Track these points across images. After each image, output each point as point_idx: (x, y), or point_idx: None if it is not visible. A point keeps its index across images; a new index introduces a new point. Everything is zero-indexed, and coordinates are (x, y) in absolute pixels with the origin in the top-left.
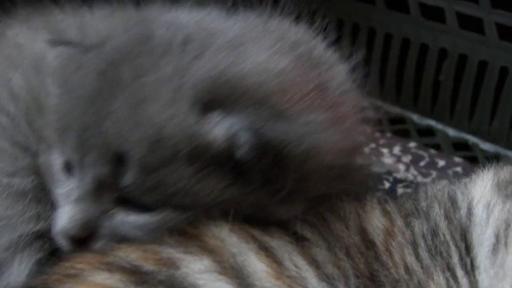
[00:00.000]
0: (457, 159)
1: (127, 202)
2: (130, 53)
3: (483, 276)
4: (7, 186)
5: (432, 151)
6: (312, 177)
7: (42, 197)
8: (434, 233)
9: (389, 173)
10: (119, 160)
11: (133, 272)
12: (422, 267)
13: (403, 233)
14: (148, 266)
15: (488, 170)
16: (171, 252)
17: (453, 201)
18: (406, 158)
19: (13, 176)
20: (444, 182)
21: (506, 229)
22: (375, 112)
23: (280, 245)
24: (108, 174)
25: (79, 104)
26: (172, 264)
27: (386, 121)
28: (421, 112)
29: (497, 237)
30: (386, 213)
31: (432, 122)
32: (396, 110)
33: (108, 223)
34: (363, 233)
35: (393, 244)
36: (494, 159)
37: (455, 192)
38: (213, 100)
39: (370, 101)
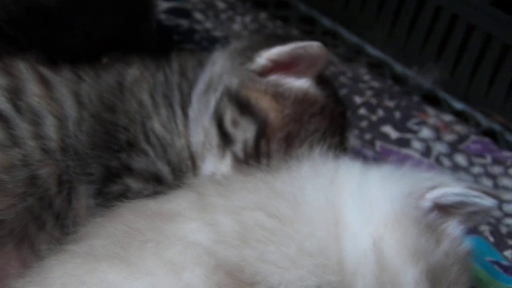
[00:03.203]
0: (295, 31)
1: None
2: None
3: (192, 109)
4: None
5: (279, 22)
6: None
7: None
8: (167, 82)
9: (226, 37)
10: None
11: None
12: (152, 103)
13: (148, 81)
14: None
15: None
16: None
17: (199, 61)
18: (253, 26)
19: None
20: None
21: (218, 78)
22: None
23: (56, 79)
24: None
25: None
26: None
27: None
28: None
29: (208, 84)
30: (140, 65)
31: None
32: None
33: None
34: (120, 79)
35: (136, 87)
36: (331, 34)
37: (205, 56)
38: None
39: None
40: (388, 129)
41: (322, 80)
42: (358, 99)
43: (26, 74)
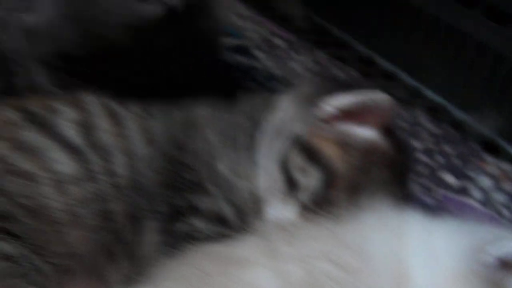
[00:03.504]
0: (353, 72)
1: None
2: None
3: (258, 153)
4: None
5: (338, 63)
6: None
7: None
8: (235, 124)
9: (286, 76)
10: None
11: (28, 112)
12: (219, 144)
13: (217, 122)
14: (39, 110)
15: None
16: (57, 104)
17: (267, 104)
18: (312, 66)
19: None
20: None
21: (286, 123)
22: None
23: (126, 114)
24: None
25: None
26: (54, 111)
27: (311, 32)
28: (338, 25)
29: (275, 128)
30: (210, 105)
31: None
32: (320, 21)
33: None
34: (190, 117)
35: (205, 126)
36: (389, 76)
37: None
38: None
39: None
40: (447, 176)
41: (389, 131)
42: (416, 144)
43: (96, 108)
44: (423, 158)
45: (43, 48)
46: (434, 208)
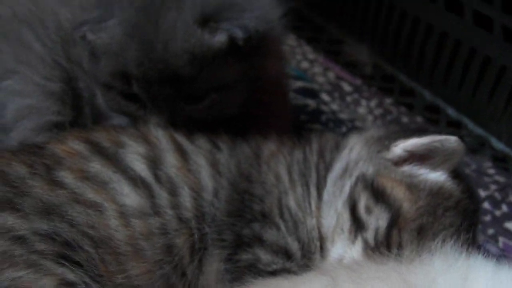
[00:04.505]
0: (419, 118)
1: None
2: None
3: (326, 192)
4: (43, 86)
5: (404, 109)
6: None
7: (65, 99)
8: (305, 161)
9: (352, 120)
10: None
11: (94, 144)
12: (289, 180)
13: (285, 157)
14: (106, 143)
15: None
16: (124, 138)
17: (337, 144)
18: (377, 111)
19: (48, 80)
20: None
21: (354, 164)
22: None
23: (193, 149)
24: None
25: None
26: (121, 144)
27: (378, 78)
28: (406, 73)
29: (344, 168)
30: (277, 141)
31: (415, 85)
32: (387, 68)
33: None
34: (257, 151)
35: (273, 161)
36: (455, 124)
37: (342, 139)
38: (211, 16)
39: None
40: (511, 225)
41: (457, 175)
42: (482, 193)
43: (164, 143)
44: (488, 206)
45: (106, 68)
46: (497, 256)
